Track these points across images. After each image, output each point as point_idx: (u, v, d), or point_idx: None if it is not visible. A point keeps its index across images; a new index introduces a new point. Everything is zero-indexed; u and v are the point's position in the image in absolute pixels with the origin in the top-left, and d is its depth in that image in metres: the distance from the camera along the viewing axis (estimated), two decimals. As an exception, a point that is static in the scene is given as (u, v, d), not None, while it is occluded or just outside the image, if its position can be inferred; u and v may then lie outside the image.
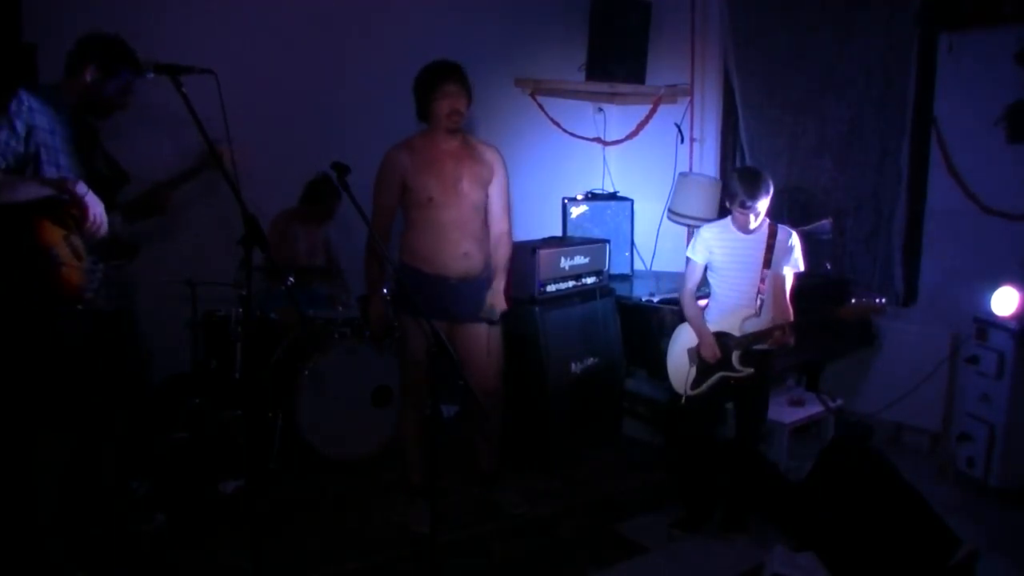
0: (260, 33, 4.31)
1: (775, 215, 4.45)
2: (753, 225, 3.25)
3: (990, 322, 3.90)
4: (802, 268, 3.36)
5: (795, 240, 3.33)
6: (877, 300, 3.14)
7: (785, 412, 4.20)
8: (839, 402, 4.45)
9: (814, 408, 4.33)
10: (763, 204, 3.20)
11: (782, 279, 3.31)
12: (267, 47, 4.31)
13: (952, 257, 4.37)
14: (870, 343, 4.62)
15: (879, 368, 4.65)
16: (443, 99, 3.10)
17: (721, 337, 3.31)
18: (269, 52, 4.31)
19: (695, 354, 3.38)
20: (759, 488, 3.56)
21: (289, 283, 3.54)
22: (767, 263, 3.26)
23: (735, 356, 3.30)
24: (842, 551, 3.08)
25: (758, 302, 3.26)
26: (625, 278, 4.92)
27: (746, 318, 3.28)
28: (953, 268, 4.36)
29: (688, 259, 3.45)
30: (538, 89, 5.40)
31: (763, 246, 3.27)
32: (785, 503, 3.51)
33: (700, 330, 3.36)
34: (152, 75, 2.62)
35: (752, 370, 3.29)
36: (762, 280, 3.26)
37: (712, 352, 3.29)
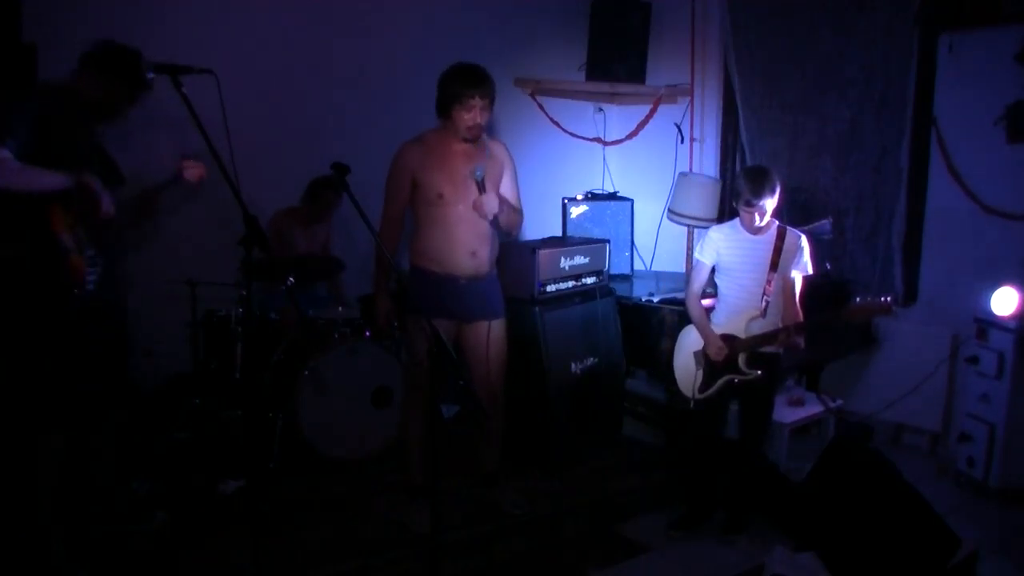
0: (260, 33, 4.31)
1: (774, 215, 4.42)
2: (759, 224, 3.25)
3: (990, 322, 3.90)
4: (811, 271, 3.36)
5: (804, 243, 3.33)
6: (883, 299, 3.10)
7: (785, 412, 4.19)
8: (839, 402, 4.45)
9: (814, 408, 4.32)
10: (769, 203, 3.20)
11: (791, 282, 3.30)
12: (267, 47, 4.31)
13: (952, 257, 4.36)
14: (870, 343, 4.61)
15: (879, 368, 4.64)
16: (466, 111, 3.08)
17: (727, 339, 3.31)
18: (269, 52, 4.30)
19: (702, 357, 3.38)
20: (760, 488, 3.56)
21: (289, 283, 3.53)
22: (774, 265, 3.26)
23: (741, 358, 3.29)
24: (842, 551, 3.08)
25: (763, 303, 3.26)
26: (625, 278, 4.92)
27: (751, 319, 3.27)
28: (953, 268, 4.35)
29: (696, 260, 3.45)
30: (538, 89, 5.40)
31: (771, 248, 3.27)
32: (785, 503, 3.51)
33: (705, 332, 3.35)
34: (152, 75, 2.63)
35: (759, 372, 3.29)
36: (768, 282, 3.26)
37: (719, 352, 3.29)
